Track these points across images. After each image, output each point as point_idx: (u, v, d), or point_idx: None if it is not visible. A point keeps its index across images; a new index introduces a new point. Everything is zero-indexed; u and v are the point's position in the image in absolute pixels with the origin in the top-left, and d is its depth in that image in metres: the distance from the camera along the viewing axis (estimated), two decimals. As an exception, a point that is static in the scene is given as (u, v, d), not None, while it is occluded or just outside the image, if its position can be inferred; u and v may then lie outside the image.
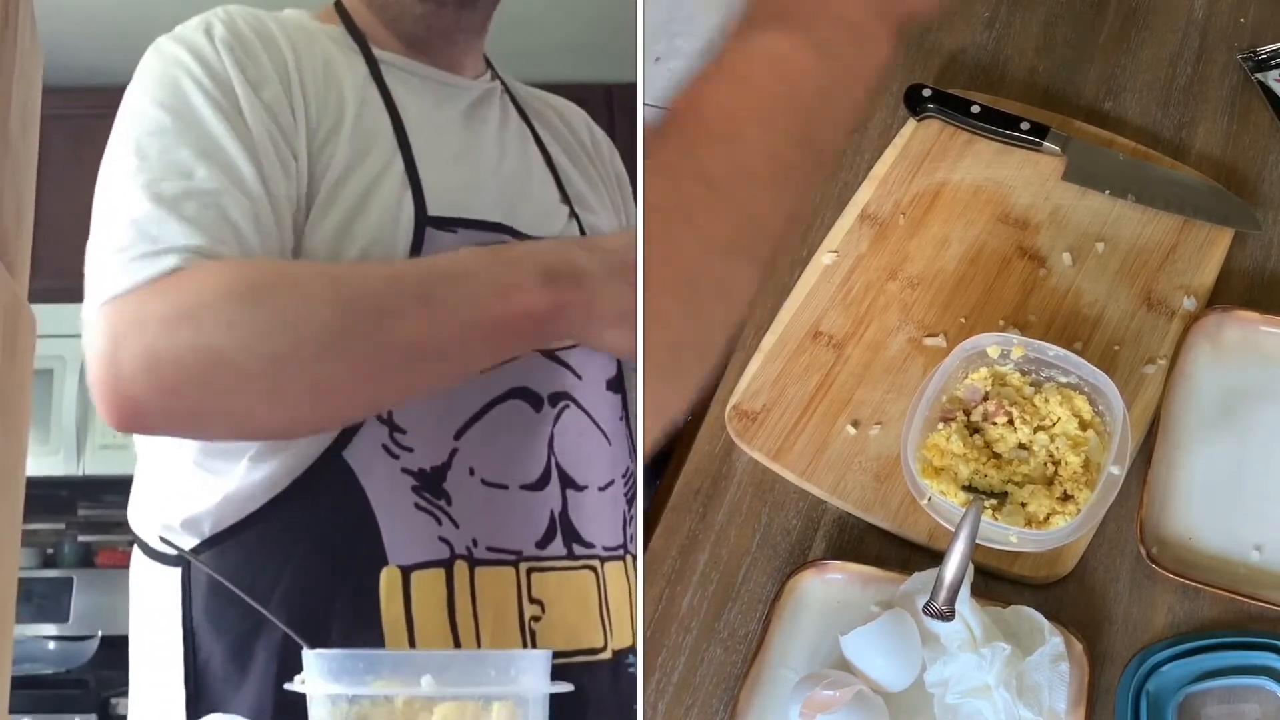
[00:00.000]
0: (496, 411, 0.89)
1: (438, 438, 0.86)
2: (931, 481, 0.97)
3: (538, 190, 1.02)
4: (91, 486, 3.01)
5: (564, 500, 0.92)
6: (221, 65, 0.84)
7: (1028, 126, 1.17)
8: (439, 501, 0.85)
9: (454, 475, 0.86)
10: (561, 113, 1.13)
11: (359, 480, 0.83)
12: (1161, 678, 0.92)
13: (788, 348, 1.10)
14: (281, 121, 0.84)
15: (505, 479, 0.89)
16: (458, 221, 0.90)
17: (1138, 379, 1.05)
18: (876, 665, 0.92)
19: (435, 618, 0.85)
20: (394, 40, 0.97)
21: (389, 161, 0.89)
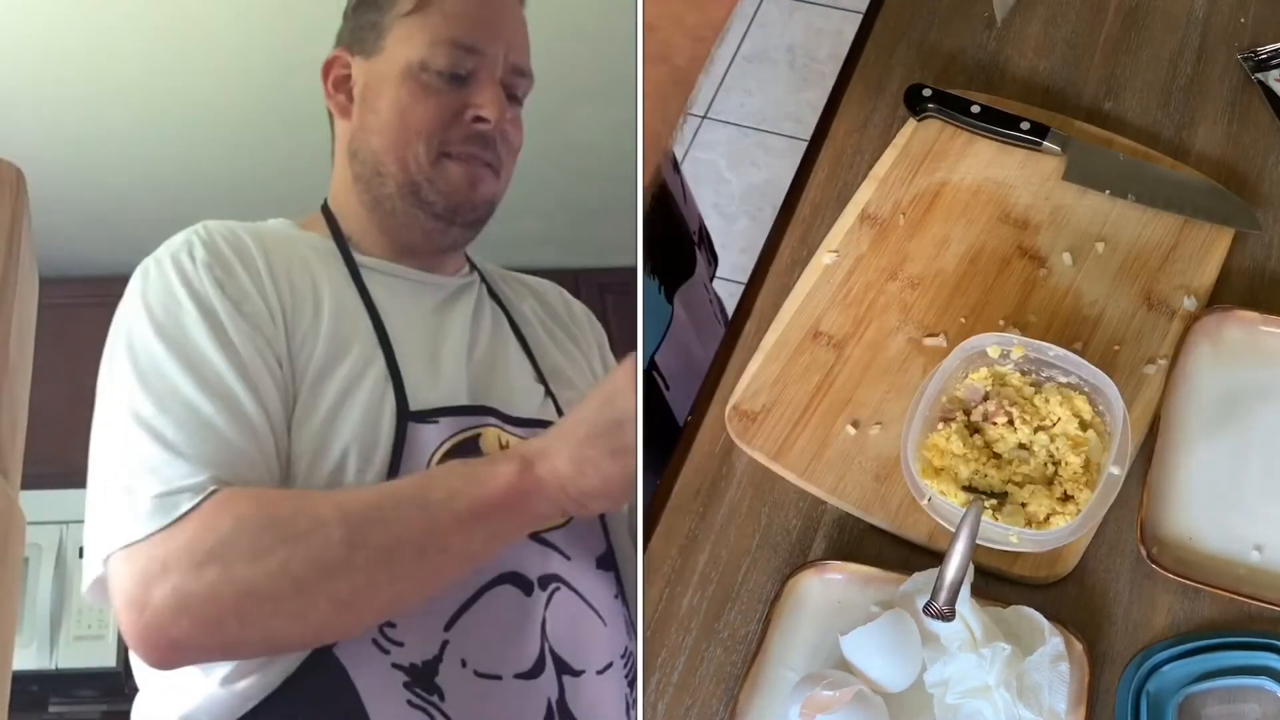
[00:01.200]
0: (486, 598, 0.88)
1: (427, 629, 0.86)
2: (931, 481, 0.97)
3: (513, 372, 1.04)
4: (64, 681, 2.75)
5: (560, 687, 0.89)
6: (205, 290, 0.89)
7: (1028, 126, 1.17)
8: (431, 697, 0.84)
9: (446, 668, 0.85)
10: (536, 290, 1.17)
11: (350, 678, 0.84)
12: (1161, 678, 0.92)
13: (788, 347, 1.10)
14: (266, 333, 0.88)
15: (498, 669, 0.87)
16: (439, 411, 0.93)
17: (1138, 379, 1.05)
18: (876, 665, 0.92)
19: None
20: (383, 245, 1.01)
21: (370, 360, 0.92)
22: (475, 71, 0.99)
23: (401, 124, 0.99)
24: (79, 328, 3.14)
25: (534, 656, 0.89)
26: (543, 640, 0.91)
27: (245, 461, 0.84)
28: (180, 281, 0.90)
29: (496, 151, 1.01)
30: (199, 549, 0.79)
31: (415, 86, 0.98)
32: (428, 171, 0.99)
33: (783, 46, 2.77)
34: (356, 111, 1.03)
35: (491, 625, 0.89)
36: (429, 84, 0.98)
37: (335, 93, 1.04)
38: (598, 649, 0.96)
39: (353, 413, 0.90)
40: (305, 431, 0.89)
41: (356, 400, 0.90)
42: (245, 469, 0.84)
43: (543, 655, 0.90)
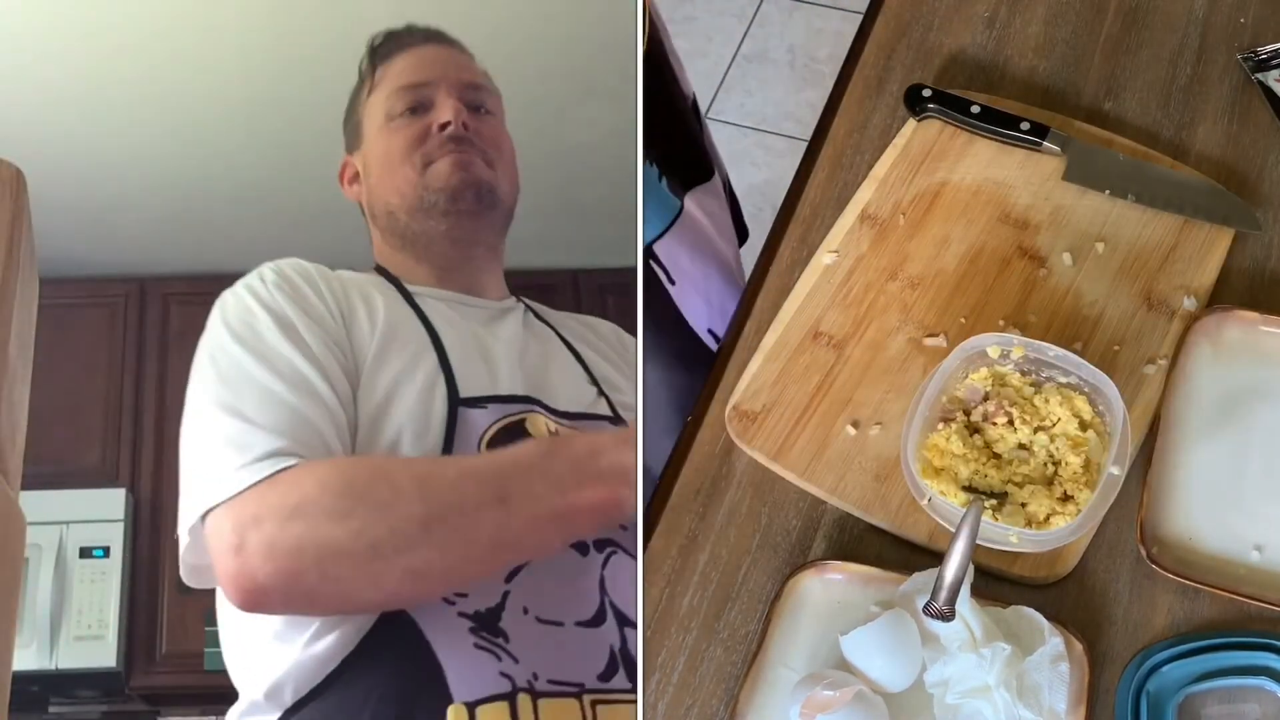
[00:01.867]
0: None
1: (489, 583, 0.92)
2: (931, 481, 0.97)
3: (564, 374, 1.11)
4: (64, 681, 2.74)
5: (622, 637, 0.95)
6: (276, 300, 1.00)
7: (1028, 126, 1.17)
8: (496, 639, 0.90)
9: (509, 615, 0.91)
10: (586, 322, 1.25)
11: (420, 629, 0.90)
12: (1161, 678, 0.92)
13: (788, 348, 1.10)
14: (329, 329, 0.99)
15: (560, 616, 0.93)
16: (488, 399, 1.01)
17: (1138, 379, 1.05)
18: (876, 665, 0.92)
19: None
20: (425, 274, 1.13)
21: (421, 356, 1.02)
22: (430, 99, 1.13)
23: (389, 163, 1.13)
24: (79, 328, 3.15)
25: (594, 607, 0.95)
26: (602, 594, 0.96)
27: (318, 434, 0.93)
28: (253, 297, 1.01)
29: (478, 147, 1.12)
30: (287, 505, 0.87)
31: (389, 133, 1.13)
32: (422, 182, 1.11)
33: (783, 46, 2.77)
34: (363, 183, 1.18)
35: (550, 578, 0.94)
36: (398, 126, 1.13)
37: (350, 186, 1.20)
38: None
39: (407, 398, 0.97)
40: (362, 414, 0.97)
41: (410, 388, 0.98)
42: (318, 441, 0.93)
43: (603, 607, 0.95)
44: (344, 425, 0.95)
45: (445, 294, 1.12)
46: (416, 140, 1.11)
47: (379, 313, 1.04)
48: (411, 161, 1.11)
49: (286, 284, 1.02)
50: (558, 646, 0.92)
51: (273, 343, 0.97)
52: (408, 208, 1.12)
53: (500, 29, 2.16)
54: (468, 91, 1.14)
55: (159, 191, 2.76)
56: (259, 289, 1.01)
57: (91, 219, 2.83)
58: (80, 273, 2.92)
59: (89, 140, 2.57)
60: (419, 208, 1.11)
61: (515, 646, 0.90)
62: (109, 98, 2.44)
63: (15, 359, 0.68)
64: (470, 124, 1.12)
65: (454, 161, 1.10)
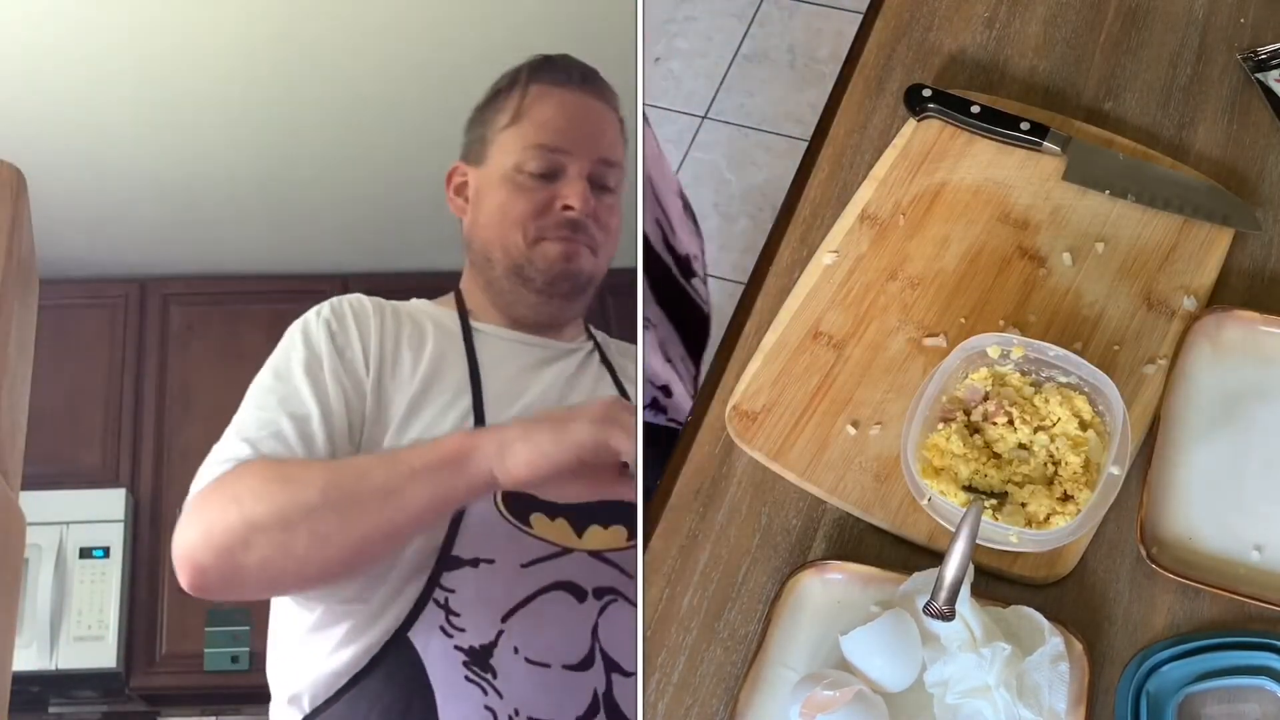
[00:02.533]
0: (540, 600, 1.02)
1: (487, 620, 1.00)
2: (931, 481, 0.97)
3: None
4: (64, 681, 2.74)
5: (608, 682, 1.00)
6: (317, 337, 1.09)
7: (1028, 126, 1.17)
8: (485, 675, 0.98)
9: (500, 652, 0.99)
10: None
11: (420, 656, 0.99)
12: (1161, 678, 0.92)
13: (788, 348, 1.10)
14: (356, 374, 1.07)
15: (547, 659, 1.00)
16: None
17: (1138, 379, 1.05)
18: (876, 665, 0.92)
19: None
20: (496, 316, 1.18)
21: (457, 399, 1.08)
22: (563, 168, 1.14)
23: (503, 218, 1.15)
24: (79, 328, 3.15)
25: (583, 653, 1.00)
26: (594, 640, 1.01)
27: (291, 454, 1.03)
28: (302, 331, 1.10)
29: (590, 234, 1.15)
30: (227, 495, 0.98)
31: (513, 186, 1.15)
32: (527, 254, 1.14)
33: (783, 46, 2.76)
34: (470, 210, 1.19)
35: (544, 622, 1.02)
36: (523, 184, 1.14)
37: (455, 197, 1.22)
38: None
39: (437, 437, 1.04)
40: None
41: (442, 428, 1.05)
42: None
43: (593, 653, 1.00)
44: (332, 434, 1.04)
45: (506, 333, 1.17)
46: (537, 211, 1.14)
47: (424, 357, 1.10)
48: (525, 230, 1.14)
49: (336, 320, 1.10)
50: (542, 686, 0.99)
51: (295, 377, 1.06)
52: (505, 267, 1.15)
53: (500, 29, 2.16)
54: (599, 168, 1.15)
55: (159, 191, 2.76)
56: (311, 323, 1.10)
57: (91, 219, 2.83)
58: (80, 273, 2.92)
59: (89, 141, 2.57)
60: (516, 273, 1.15)
61: (502, 683, 0.98)
62: (109, 98, 2.44)
63: (15, 359, 0.68)
64: (591, 210, 1.14)
65: (564, 252, 1.14)
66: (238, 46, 2.31)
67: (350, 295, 1.15)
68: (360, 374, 1.07)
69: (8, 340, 0.66)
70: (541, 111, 1.16)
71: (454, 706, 0.97)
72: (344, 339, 1.09)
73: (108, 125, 2.53)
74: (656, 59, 2.73)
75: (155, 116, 2.51)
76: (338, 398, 1.05)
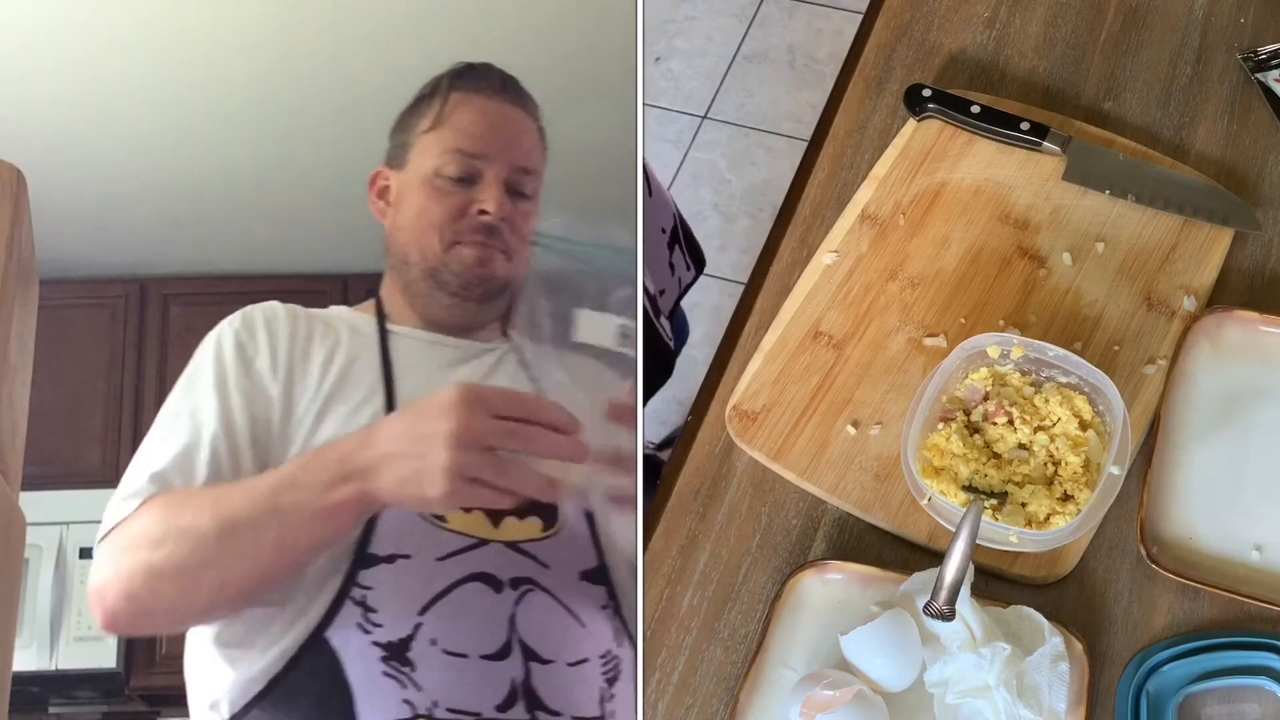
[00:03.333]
0: (457, 592, 1.02)
1: (404, 615, 1.00)
2: (931, 481, 0.97)
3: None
4: (64, 681, 2.75)
5: (526, 671, 1.00)
6: (226, 351, 1.10)
7: (1028, 126, 1.17)
8: (404, 669, 0.98)
9: (417, 645, 0.99)
10: (571, 368, 1.24)
11: (338, 655, 0.99)
12: (1161, 678, 0.92)
13: (788, 348, 1.10)
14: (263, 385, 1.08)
15: (465, 649, 0.99)
16: None
17: (1138, 379, 1.05)
18: (876, 665, 0.92)
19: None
20: (413, 318, 1.18)
21: (370, 401, 1.09)
22: (480, 173, 1.15)
23: (420, 221, 1.17)
24: (79, 328, 3.15)
25: (500, 642, 1.00)
26: (510, 630, 1.01)
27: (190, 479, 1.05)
28: (214, 346, 1.11)
29: (504, 239, 1.15)
30: (132, 538, 1.00)
31: (431, 190, 1.16)
32: (442, 257, 1.15)
33: (783, 46, 2.76)
34: (390, 214, 1.20)
35: (460, 613, 1.01)
36: (441, 188, 1.16)
37: (377, 200, 1.22)
38: (570, 645, 1.03)
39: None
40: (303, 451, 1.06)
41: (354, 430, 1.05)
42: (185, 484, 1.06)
43: (510, 642, 1.00)
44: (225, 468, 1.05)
45: (424, 334, 1.18)
46: (452, 215, 1.15)
47: (336, 361, 1.12)
48: (441, 234, 1.15)
49: (246, 331, 1.12)
50: (459, 677, 0.99)
51: (201, 398, 1.08)
52: (422, 270, 1.16)
53: (500, 29, 2.16)
54: (516, 175, 1.17)
55: (159, 191, 2.76)
56: (221, 335, 1.11)
57: (91, 219, 2.83)
58: (80, 273, 2.92)
59: (89, 140, 2.57)
60: (432, 276, 1.16)
61: (420, 676, 0.98)
62: (109, 98, 2.44)
63: (15, 359, 0.68)
64: (507, 215, 1.15)
65: (477, 256, 1.15)
66: (238, 46, 2.31)
67: (264, 303, 1.16)
68: (267, 384, 1.09)
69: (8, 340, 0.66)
70: (461, 118, 1.18)
71: (372, 703, 0.98)
72: (253, 349, 1.11)
73: (108, 125, 2.53)
74: (656, 59, 2.73)
75: (155, 117, 2.51)
76: (243, 414, 1.06)
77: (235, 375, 1.09)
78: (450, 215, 1.15)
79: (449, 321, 1.18)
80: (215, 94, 2.45)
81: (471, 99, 1.19)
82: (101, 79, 2.38)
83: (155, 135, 2.57)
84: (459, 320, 1.18)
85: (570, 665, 1.01)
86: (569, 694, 1.01)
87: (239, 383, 1.08)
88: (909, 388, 1.05)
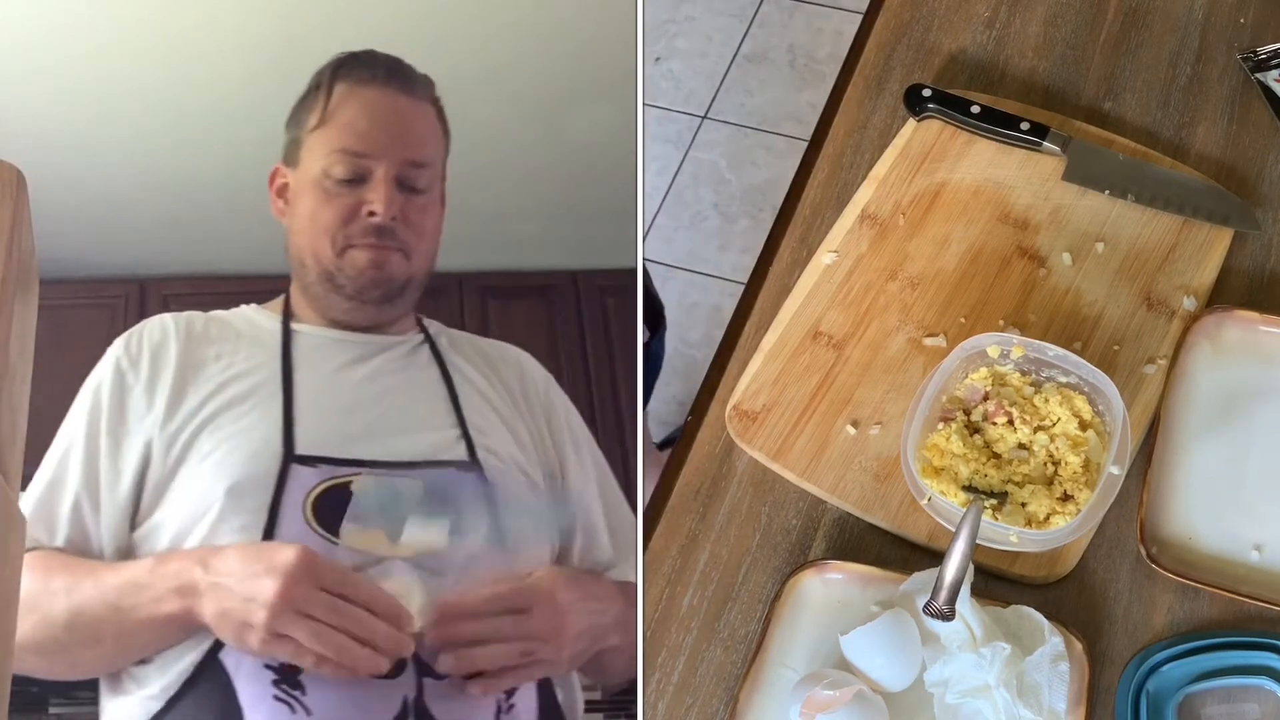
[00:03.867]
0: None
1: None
2: (931, 481, 0.97)
3: (425, 417, 1.13)
4: (64, 681, 2.81)
5: (419, 687, 0.97)
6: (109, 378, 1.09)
7: (1028, 126, 1.17)
8: (294, 692, 0.96)
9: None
10: (490, 356, 1.25)
11: (230, 678, 0.97)
12: (1161, 678, 0.92)
13: (788, 348, 1.10)
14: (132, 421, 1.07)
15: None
16: (319, 459, 1.05)
17: (1138, 379, 1.05)
18: (876, 665, 0.92)
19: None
20: (316, 319, 1.17)
21: (269, 409, 1.08)
22: (369, 172, 1.12)
23: (312, 225, 1.14)
24: (79, 329, 3.14)
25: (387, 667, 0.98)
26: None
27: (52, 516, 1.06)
28: (96, 376, 1.11)
29: (399, 238, 1.13)
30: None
31: (321, 192, 1.13)
32: (336, 262, 1.13)
33: (783, 46, 2.76)
34: (288, 214, 1.18)
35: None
36: (331, 189, 1.13)
37: (277, 199, 1.19)
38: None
39: (240, 452, 1.04)
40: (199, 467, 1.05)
41: (246, 444, 1.05)
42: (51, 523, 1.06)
43: (403, 659, 0.97)
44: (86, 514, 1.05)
45: (328, 332, 1.16)
46: (343, 218, 1.12)
47: (233, 366, 1.11)
48: (332, 237, 1.12)
49: (128, 359, 1.11)
50: (350, 698, 0.97)
51: (73, 431, 1.08)
52: (317, 274, 1.14)
53: (500, 29, 2.16)
54: (406, 170, 1.13)
55: (159, 191, 2.76)
56: (106, 362, 1.11)
57: (91, 219, 2.83)
58: (80, 273, 2.92)
59: (89, 141, 2.57)
60: (328, 280, 1.13)
61: (311, 699, 0.96)
62: (109, 98, 2.44)
63: (15, 359, 0.68)
64: (399, 213, 1.12)
65: (371, 259, 1.12)
66: (238, 46, 2.31)
67: (155, 319, 1.15)
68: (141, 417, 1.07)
69: (8, 340, 0.67)
70: (345, 113, 1.15)
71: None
72: (134, 376, 1.09)
73: (108, 125, 2.53)
74: (656, 59, 2.73)
75: (155, 117, 2.50)
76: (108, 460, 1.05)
77: (108, 415, 1.07)
78: (341, 219, 1.12)
79: (351, 323, 1.16)
80: (215, 94, 2.44)
81: (356, 91, 1.15)
82: (101, 79, 2.37)
83: (155, 135, 2.57)
84: (361, 322, 1.16)
85: (466, 679, 0.98)
86: (463, 709, 0.98)
87: (110, 425, 1.07)
88: (909, 388, 1.05)
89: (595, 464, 1.20)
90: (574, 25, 2.14)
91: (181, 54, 2.32)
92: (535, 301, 3.14)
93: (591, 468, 1.19)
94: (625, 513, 1.19)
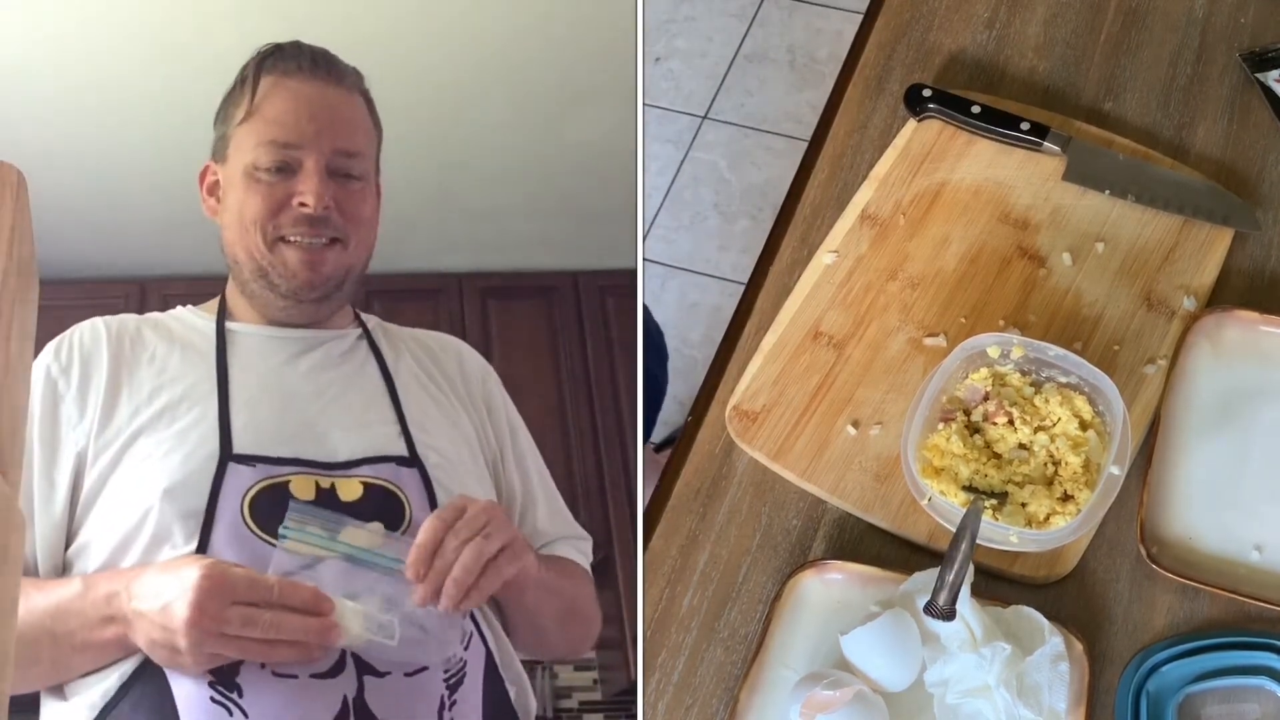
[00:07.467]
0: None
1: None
2: (931, 481, 0.97)
3: (363, 413, 1.12)
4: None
5: (360, 686, 0.96)
6: (39, 385, 1.07)
7: (1028, 126, 1.17)
8: (231, 694, 0.95)
9: (246, 669, 0.95)
10: (426, 346, 1.25)
11: (168, 682, 0.96)
12: (1161, 678, 0.92)
13: (788, 348, 1.10)
14: (63, 429, 1.05)
15: (295, 670, 0.96)
16: (257, 458, 1.05)
17: (1138, 379, 1.05)
18: (876, 665, 0.92)
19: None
20: (254, 316, 1.16)
21: (205, 411, 1.06)
22: (299, 162, 1.11)
23: (242, 218, 1.12)
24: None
25: (333, 659, 0.97)
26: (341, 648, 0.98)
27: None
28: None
29: (334, 227, 1.11)
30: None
31: (251, 184, 1.11)
32: (269, 258, 1.11)
33: (783, 46, 2.76)
34: (219, 212, 1.16)
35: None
36: (259, 180, 1.11)
37: (208, 197, 1.18)
38: (410, 654, 0.98)
39: (177, 453, 1.03)
40: (132, 468, 1.03)
41: (184, 443, 1.04)
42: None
43: (343, 658, 0.97)
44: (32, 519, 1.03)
45: (264, 330, 1.15)
46: (273, 209, 1.10)
47: (168, 370, 1.09)
48: (264, 230, 1.10)
49: (58, 365, 1.08)
50: (288, 698, 0.95)
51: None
52: (251, 270, 1.12)
53: (501, 29, 2.16)
54: (337, 159, 1.12)
55: (159, 192, 2.76)
56: (36, 369, 1.07)
57: (91, 219, 2.83)
58: (80, 273, 2.92)
59: (89, 141, 2.57)
60: (262, 277, 1.12)
61: (248, 700, 0.95)
62: (109, 98, 2.44)
63: (15, 358, 0.68)
64: (331, 201, 1.11)
65: (303, 260, 1.11)
66: (238, 46, 2.31)
67: (87, 324, 1.13)
68: (74, 426, 1.05)
69: (8, 340, 0.67)
70: (272, 105, 1.13)
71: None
72: (65, 384, 1.07)
73: (108, 125, 2.53)
74: (656, 59, 2.73)
75: (156, 116, 2.50)
76: (41, 469, 1.04)
77: (40, 425, 1.05)
78: (271, 210, 1.10)
79: (289, 322, 1.15)
80: (215, 94, 2.45)
81: (282, 83, 1.14)
82: (101, 79, 2.38)
83: (155, 135, 2.57)
84: (298, 319, 1.15)
85: (408, 675, 0.97)
86: (404, 707, 0.97)
87: (42, 434, 1.05)
88: (909, 388, 1.05)
89: (532, 453, 1.20)
90: (574, 25, 2.14)
91: (182, 55, 2.32)
92: (535, 301, 3.14)
93: (529, 455, 1.20)
94: (559, 502, 1.19)
